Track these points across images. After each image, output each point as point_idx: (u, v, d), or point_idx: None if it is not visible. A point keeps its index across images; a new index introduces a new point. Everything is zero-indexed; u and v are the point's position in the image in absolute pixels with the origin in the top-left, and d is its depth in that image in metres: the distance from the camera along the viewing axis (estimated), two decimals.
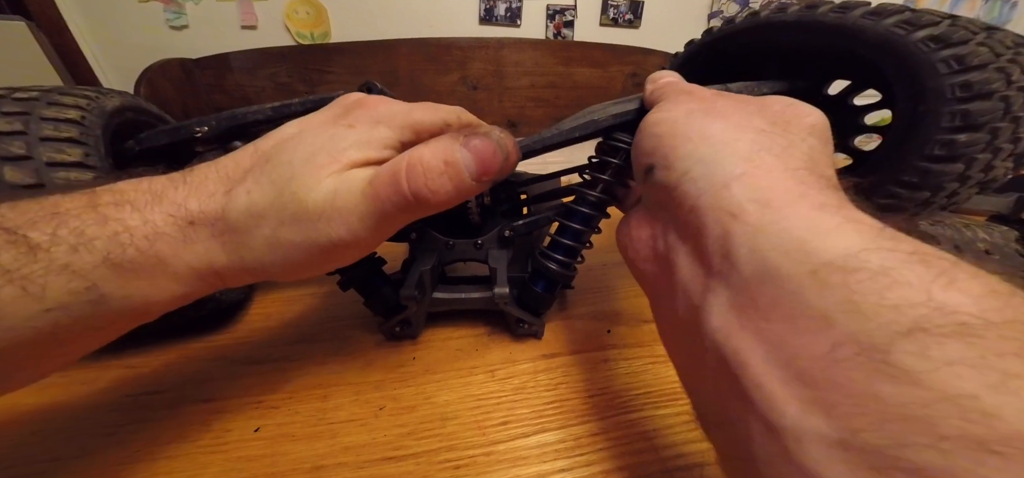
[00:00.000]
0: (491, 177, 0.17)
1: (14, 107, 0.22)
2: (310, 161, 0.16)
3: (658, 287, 0.18)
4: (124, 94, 0.29)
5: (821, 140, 0.15)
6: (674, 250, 0.16)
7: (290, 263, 0.17)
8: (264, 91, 1.65)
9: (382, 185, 0.16)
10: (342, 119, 0.18)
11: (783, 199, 0.12)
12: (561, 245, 0.28)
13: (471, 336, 0.31)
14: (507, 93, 1.82)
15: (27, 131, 0.22)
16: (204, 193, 0.16)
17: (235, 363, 0.29)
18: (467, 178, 0.17)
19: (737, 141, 0.14)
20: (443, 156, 0.16)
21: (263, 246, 0.16)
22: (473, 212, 0.27)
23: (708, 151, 0.15)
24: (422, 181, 0.16)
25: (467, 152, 0.17)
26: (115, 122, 0.27)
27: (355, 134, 0.17)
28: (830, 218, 0.11)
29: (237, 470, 0.21)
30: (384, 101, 0.19)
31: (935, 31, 0.20)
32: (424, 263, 0.28)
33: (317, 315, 0.34)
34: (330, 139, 0.17)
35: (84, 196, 0.14)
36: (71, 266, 0.13)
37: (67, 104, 0.24)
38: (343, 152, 0.16)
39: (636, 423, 0.24)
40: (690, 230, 0.15)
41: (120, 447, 0.23)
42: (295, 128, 0.18)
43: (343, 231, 0.16)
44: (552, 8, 1.82)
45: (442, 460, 0.22)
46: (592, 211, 0.27)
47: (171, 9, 1.56)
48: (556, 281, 0.28)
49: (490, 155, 0.17)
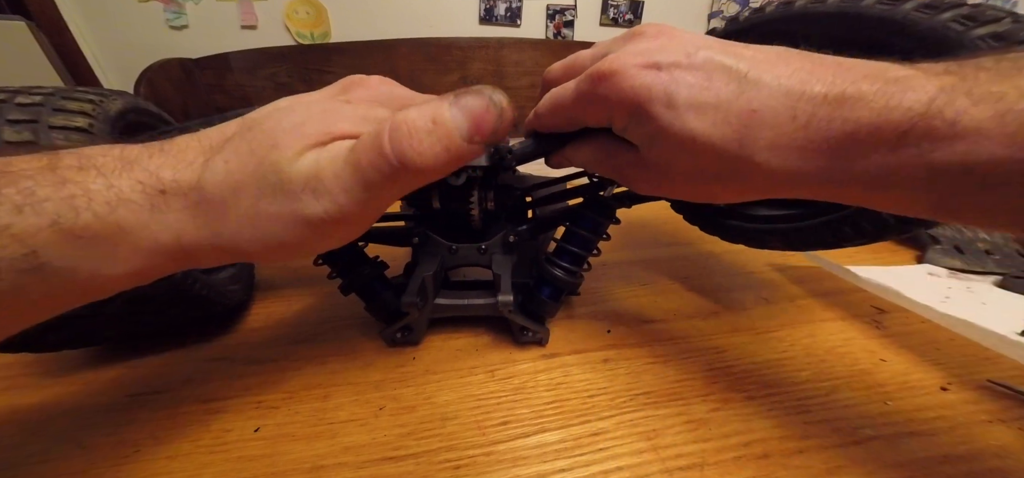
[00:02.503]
0: (484, 137, 0.16)
1: (22, 115, 0.22)
2: (295, 129, 0.15)
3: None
4: (125, 95, 0.29)
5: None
6: None
7: (271, 241, 0.15)
8: (264, 91, 1.65)
9: (363, 151, 0.14)
10: (340, 95, 0.17)
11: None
12: (568, 251, 0.27)
13: (471, 337, 0.31)
14: (507, 93, 1.82)
15: (37, 140, 0.22)
16: (182, 162, 0.15)
17: (235, 363, 0.29)
18: (458, 138, 0.15)
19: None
20: (430, 115, 0.15)
21: (241, 220, 0.15)
22: (475, 216, 0.27)
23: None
24: (407, 142, 0.14)
25: (457, 110, 0.15)
26: (120, 126, 0.27)
27: (350, 109, 0.16)
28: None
29: (237, 470, 0.21)
30: (387, 82, 0.18)
31: (998, 28, 0.19)
32: (427, 268, 0.27)
33: (317, 316, 0.34)
34: (323, 111, 0.16)
35: (44, 157, 0.13)
36: (10, 229, 0.12)
37: (74, 110, 0.24)
38: (334, 124, 0.15)
39: (636, 423, 0.24)
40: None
41: (120, 447, 0.23)
42: (289, 101, 0.17)
43: (326, 204, 0.15)
44: (552, 8, 1.82)
45: (442, 460, 0.22)
46: (601, 216, 0.26)
47: (171, 9, 1.56)
48: (562, 288, 0.28)
49: (482, 111, 0.15)
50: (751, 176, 0.17)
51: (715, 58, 0.16)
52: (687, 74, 0.16)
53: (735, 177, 0.17)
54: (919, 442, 0.23)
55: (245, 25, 1.64)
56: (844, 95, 0.14)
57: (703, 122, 0.16)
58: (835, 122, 0.15)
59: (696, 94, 0.16)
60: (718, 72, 0.16)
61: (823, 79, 0.15)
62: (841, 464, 0.22)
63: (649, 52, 0.17)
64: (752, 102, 0.15)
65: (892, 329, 0.32)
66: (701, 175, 0.18)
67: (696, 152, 0.17)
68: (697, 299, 0.36)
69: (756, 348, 0.30)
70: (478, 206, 0.27)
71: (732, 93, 0.16)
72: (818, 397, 0.26)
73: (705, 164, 0.17)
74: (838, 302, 0.36)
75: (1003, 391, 0.26)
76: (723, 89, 0.16)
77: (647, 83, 0.17)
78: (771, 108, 0.15)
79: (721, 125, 0.16)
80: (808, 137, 0.15)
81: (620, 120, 0.18)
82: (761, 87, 0.15)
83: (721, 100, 0.16)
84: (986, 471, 0.21)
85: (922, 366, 0.28)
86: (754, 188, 0.18)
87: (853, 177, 0.15)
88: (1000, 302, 0.37)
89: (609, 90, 0.18)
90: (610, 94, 0.18)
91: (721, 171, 0.17)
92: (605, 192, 0.27)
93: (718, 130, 0.16)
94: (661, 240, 0.47)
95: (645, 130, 0.18)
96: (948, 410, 0.25)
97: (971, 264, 0.42)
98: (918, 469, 0.21)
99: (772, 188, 0.17)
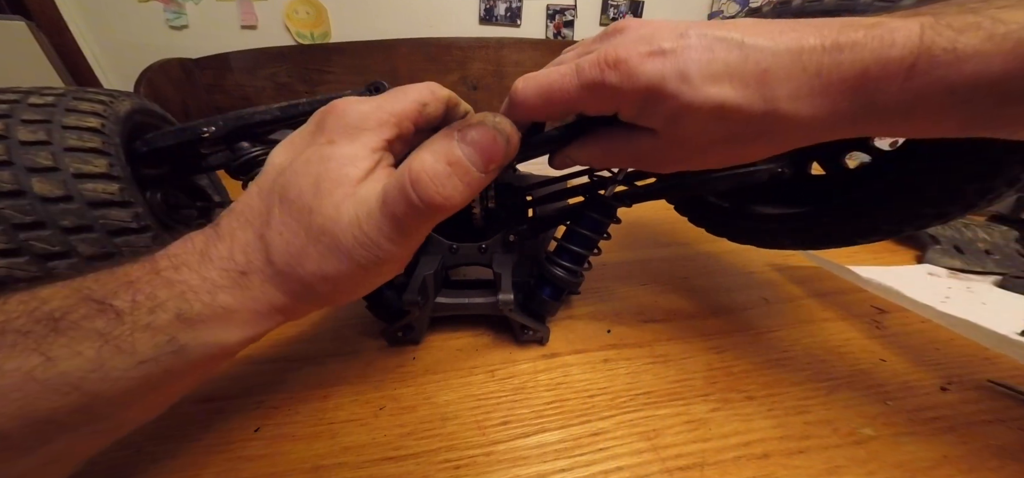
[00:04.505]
0: (497, 164, 0.17)
1: (36, 115, 0.22)
2: (318, 191, 0.17)
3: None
4: (132, 96, 0.29)
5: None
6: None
7: (341, 290, 0.18)
8: (264, 91, 1.65)
9: (394, 203, 0.16)
10: (319, 136, 0.18)
11: None
12: (569, 250, 0.27)
13: (471, 336, 0.31)
14: (507, 93, 1.82)
15: (51, 141, 0.22)
16: (239, 245, 0.17)
17: (235, 363, 0.29)
18: (475, 173, 0.17)
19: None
20: (445, 158, 0.16)
21: (313, 281, 0.17)
22: (477, 216, 0.27)
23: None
24: (432, 188, 0.16)
25: (466, 147, 0.17)
26: (128, 126, 0.27)
27: (339, 150, 0.17)
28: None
29: (237, 470, 0.21)
30: (351, 103, 0.18)
31: None
32: (427, 267, 0.27)
33: (318, 316, 0.34)
34: (321, 161, 0.17)
35: (147, 263, 0.16)
36: (152, 325, 0.15)
37: (86, 111, 0.24)
38: (340, 171, 0.17)
39: (636, 423, 0.24)
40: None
41: (120, 447, 0.23)
42: (282, 157, 0.18)
43: (376, 253, 0.17)
44: (552, 8, 1.82)
45: (442, 460, 0.22)
46: (603, 216, 0.26)
47: (171, 9, 1.56)
48: (563, 287, 0.28)
49: (490, 143, 0.17)
50: (781, 129, 0.17)
51: (708, 33, 0.17)
52: (691, 52, 0.17)
53: (764, 134, 0.18)
54: (919, 442, 0.23)
55: (245, 25, 1.64)
56: (838, 44, 0.16)
57: (724, 90, 0.17)
58: (843, 66, 0.16)
59: (707, 66, 0.17)
60: (718, 44, 0.17)
61: (810, 35, 0.16)
62: (841, 464, 0.22)
63: (645, 40, 0.18)
64: (761, 63, 0.16)
65: (892, 329, 0.32)
66: (733, 140, 0.18)
67: (725, 118, 0.17)
68: (697, 299, 0.36)
69: (756, 348, 0.30)
70: (479, 205, 0.27)
71: (738, 59, 0.17)
72: (818, 397, 0.26)
73: (735, 129, 0.18)
74: (838, 302, 0.36)
75: (1003, 391, 0.26)
76: (729, 57, 0.17)
77: (657, 67, 0.17)
78: (781, 65, 0.16)
79: (741, 88, 0.17)
80: (824, 83, 0.16)
81: (631, 107, 0.19)
82: (762, 49, 0.16)
83: (732, 67, 0.17)
84: (986, 471, 0.21)
85: (922, 366, 0.28)
86: (787, 139, 0.18)
87: (881, 110, 0.16)
88: (1000, 302, 0.37)
89: (620, 78, 0.18)
90: (622, 82, 0.18)
91: (750, 131, 0.18)
92: (606, 191, 0.27)
93: (740, 93, 0.17)
94: (661, 240, 0.47)
95: (664, 111, 0.18)
96: (948, 410, 0.25)
97: (971, 264, 0.42)
98: (918, 469, 0.21)
99: (806, 136, 0.18)
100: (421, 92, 0.19)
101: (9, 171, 0.21)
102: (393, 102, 0.18)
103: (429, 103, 0.19)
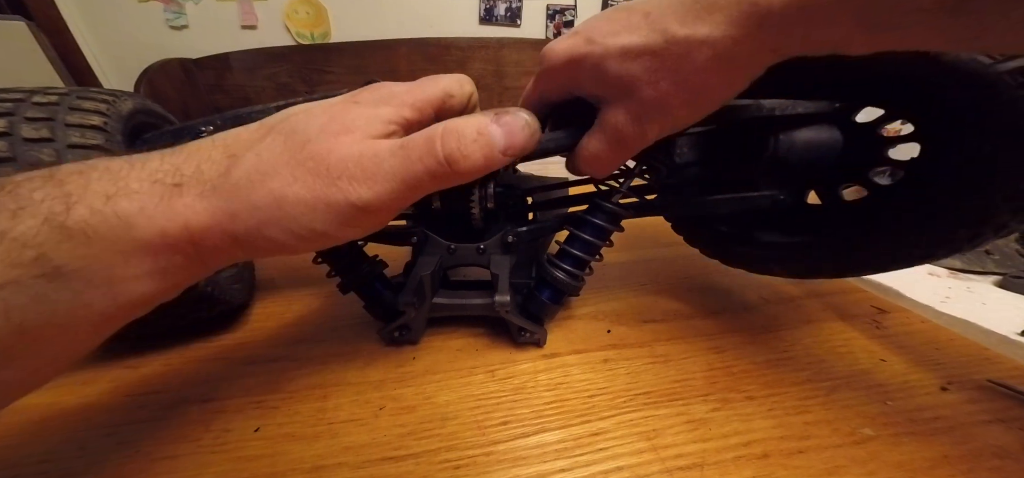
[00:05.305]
0: (515, 152, 0.19)
1: (39, 113, 0.22)
2: (324, 129, 0.17)
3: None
4: (134, 95, 0.29)
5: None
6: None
7: (293, 225, 0.16)
8: (264, 91, 1.65)
9: (415, 146, 0.17)
10: (349, 99, 0.19)
11: None
12: (570, 254, 0.27)
13: (471, 337, 0.31)
14: (507, 93, 1.82)
15: (54, 138, 0.22)
16: (202, 157, 0.16)
17: (235, 363, 0.29)
18: (496, 150, 0.18)
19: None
20: (477, 126, 0.18)
21: (266, 203, 0.15)
22: (476, 216, 0.27)
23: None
24: (456, 145, 0.17)
25: (497, 126, 0.18)
26: (130, 125, 0.27)
27: (361, 110, 0.18)
28: None
29: (237, 470, 0.21)
30: (387, 84, 0.20)
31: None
32: (425, 267, 0.27)
33: (317, 316, 0.34)
34: (341, 112, 0.18)
35: (50, 169, 0.13)
36: (10, 232, 0.11)
37: (89, 109, 0.24)
38: (354, 123, 0.17)
39: (636, 423, 0.24)
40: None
41: (120, 447, 0.23)
42: (300, 108, 0.19)
43: (365, 191, 0.16)
44: (552, 8, 1.82)
45: (442, 460, 0.22)
46: (607, 224, 0.26)
47: (171, 9, 1.56)
48: (564, 291, 0.28)
49: (518, 130, 0.19)
50: (695, 54, 0.18)
51: (607, 11, 0.20)
52: (592, 22, 0.20)
53: (687, 60, 0.18)
54: (919, 442, 0.23)
55: (245, 25, 1.64)
56: None
57: (621, 37, 0.19)
58: None
59: (606, 26, 0.20)
60: (612, 13, 0.20)
61: None
62: (841, 464, 0.22)
63: (567, 33, 0.22)
64: (643, 8, 0.19)
65: (892, 329, 0.32)
66: (665, 73, 0.19)
67: (637, 57, 0.19)
68: (697, 299, 0.36)
69: (756, 348, 0.30)
70: (479, 205, 0.27)
71: (625, 13, 0.19)
72: (818, 397, 0.26)
73: (655, 64, 0.19)
74: (838, 302, 0.36)
75: (1003, 391, 0.26)
76: (618, 15, 0.20)
77: (569, 42, 0.21)
78: (657, 3, 0.18)
79: (635, 32, 0.19)
80: (705, 6, 0.17)
81: (575, 83, 0.22)
82: (643, 1, 0.19)
83: (622, 20, 0.19)
84: (986, 471, 0.21)
85: (922, 366, 0.28)
86: (711, 66, 0.18)
87: (776, 25, 0.16)
88: (1000, 302, 0.37)
89: (548, 61, 0.22)
90: (551, 61, 0.22)
91: (669, 64, 0.18)
92: (612, 200, 0.27)
93: (636, 35, 0.19)
94: (661, 240, 0.47)
95: (591, 74, 0.21)
96: (948, 410, 0.25)
97: (971, 264, 0.42)
98: (918, 469, 0.21)
99: (729, 64, 0.18)
100: (450, 83, 0.21)
101: (12, 167, 0.21)
102: (423, 88, 0.20)
103: (455, 95, 0.21)
